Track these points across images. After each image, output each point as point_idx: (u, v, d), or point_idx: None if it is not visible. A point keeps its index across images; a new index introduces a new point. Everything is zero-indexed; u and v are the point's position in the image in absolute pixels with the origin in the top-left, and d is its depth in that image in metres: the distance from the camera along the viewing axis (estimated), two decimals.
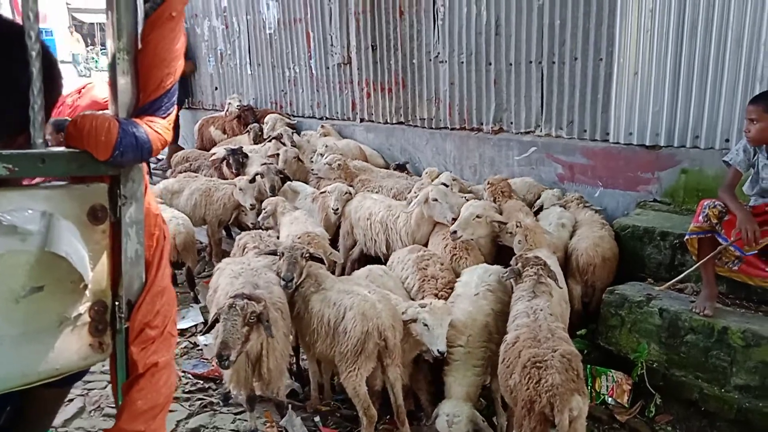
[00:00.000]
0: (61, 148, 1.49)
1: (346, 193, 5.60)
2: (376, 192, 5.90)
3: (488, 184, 5.37)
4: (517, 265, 3.69)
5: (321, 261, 3.99)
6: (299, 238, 4.52)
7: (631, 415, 3.93)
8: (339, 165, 6.29)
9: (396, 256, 4.51)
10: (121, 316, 1.64)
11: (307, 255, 3.88)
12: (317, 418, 3.96)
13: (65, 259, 1.45)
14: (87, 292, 1.55)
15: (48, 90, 1.44)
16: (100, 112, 1.51)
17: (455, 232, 4.39)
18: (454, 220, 4.53)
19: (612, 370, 4.10)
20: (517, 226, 4.34)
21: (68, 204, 1.49)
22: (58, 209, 1.46)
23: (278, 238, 5.04)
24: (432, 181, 5.66)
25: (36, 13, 1.40)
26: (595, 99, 5.51)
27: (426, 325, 3.39)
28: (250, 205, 5.96)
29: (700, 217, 3.77)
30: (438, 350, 3.33)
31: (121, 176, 1.56)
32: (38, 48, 1.40)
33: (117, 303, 1.63)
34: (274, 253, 3.97)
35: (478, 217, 4.43)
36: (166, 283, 1.74)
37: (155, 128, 1.54)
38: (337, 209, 5.49)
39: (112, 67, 1.52)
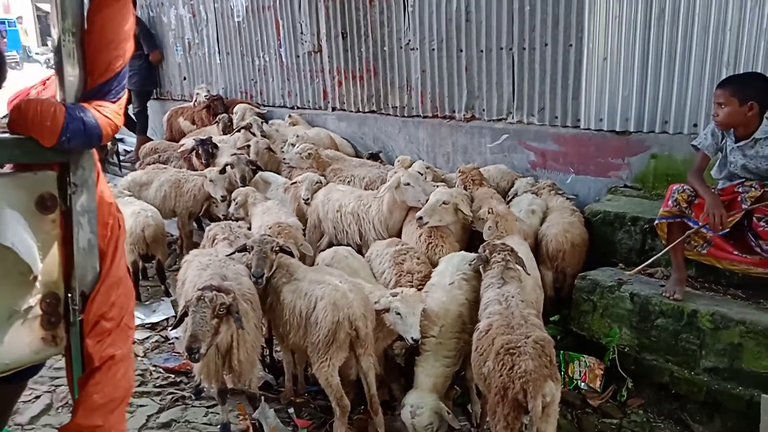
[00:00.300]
0: (4, 135, 1.43)
1: (317, 182, 5.55)
2: (348, 181, 5.86)
3: (460, 172, 5.39)
4: (484, 252, 3.69)
5: (291, 254, 3.95)
6: (270, 228, 4.46)
7: (604, 399, 3.97)
8: (310, 154, 6.24)
9: (374, 249, 4.46)
10: (74, 308, 1.59)
11: (277, 248, 3.84)
12: (291, 410, 3.94)
13: (12, 250, 1.40)
14: (37, 283, 1.50)
15: None
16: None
17: (421, 218, 4.38)
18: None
19: (584, 356, 4.14)
20: (488, 213, 4.35)
21: (14, 193, 1.43)
22: (3, 198, 1.41)
23: (249, 228, 4.98)
24: (405, 168, 5.63)
25: None
26: (566, 85, 5.53)
27: (399, 314, 3.37)
28: (221, 196, 5.89)
29: (669, 202, 3.80)
30: (412, 338, 3.32)
31: (70, 163, 1.51)
32: None
33: (70, 295, 1.59)
34: (244, 249, 3.89)
35: (444, 203, 4.43)
36: (121, 273, 1.70)
37: (104, 113, 1.49)
38: (308, 199, 5.45)
39: (58, 50, 1.47)
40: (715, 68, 4.59)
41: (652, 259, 4.03)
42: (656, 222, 3.94)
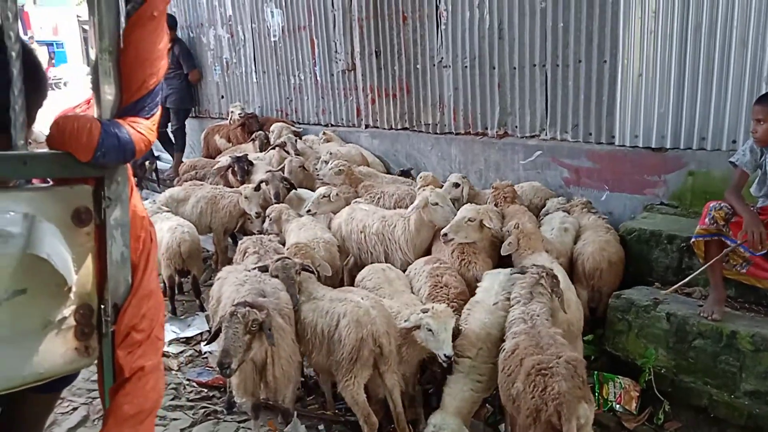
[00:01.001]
0: (44, 150, 1.49)
1: (324, 196, 5.56)
2: (378, 198, 5.88)
3: (493, 188, 5.38)
4: (525, 267, 3.68)
5: (312, 272, 4.00)
6: (288, 250, 4.44)
7: (640, 422, 3.87)
8: (341, 170, 6.29)
9: (413, 268, 4.44)
10: (107, 319, 1.63)
11: (299, 270, 3.89)
12: (321, 426, 3.94)
13: (48, 262, 1.44)
14: (71, 295, 1.54)
15: (31, 91, 1.44)
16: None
17: (446, 234, 4.37)
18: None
19: (619, 377, 4.05)
20: (514, 228, 4.32)
21: (51, 206, 1.48)
22: (40, 211, 1.46)
23: (283, 244, 5.02)
24: (426, 186, 5.63)
25: (15, 14, 1.40)
26: (600, 102, 5.47)
27: (430, 330, 3.32)
28: (255, 213, 5.97)
29: (707, 220, 3.72)
30: (445, 355, 3.26)
31: (105, 178, 1.55)
32: (18, 48, 1.40)
33: (103, 306, 1.62)
34: (266, 269, 3.94)
35: (470, 220, 4.40)
36: (153, 286, 1.74)
37: (138, 129, 1.54)
38: (312, 211, 5.46)
39: (95, 68, 1.52)
40: (755, 83, 4.50)
41: (689, 277, 3.94)
42: (693, 240, 3.85)
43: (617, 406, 3.96)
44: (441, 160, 7.07)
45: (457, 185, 5.65)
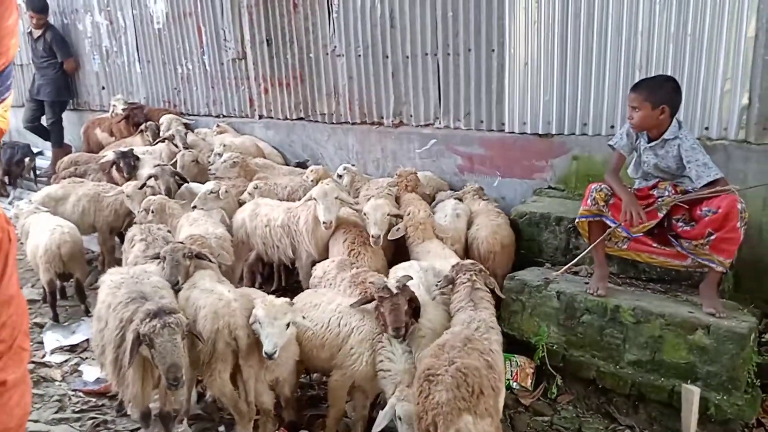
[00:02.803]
0: None
1: (211, 192, 5.41)
2: (272, 190, 5.77)
3: (397, 175, 5.47)
4: (452, 271, 3.62)
5: (206, 259, 3.95)
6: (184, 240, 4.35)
7: (535, 397, 4.04)
8: (236, 163, 6.12)
9: (321, 271, 4.26)
10: None
11: (190, 254, 3.82)
12: (222, 428, 3.83)
13: None
14: None
15: None
16: None
17: (378, 236, 4.40)
18: (325, 223, 4.54)
19: (515, 355, 4.20)
20: (406, 215, 4.41)
21: None
22: None
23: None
24: (316, 180, 5.62)
25: None
26: (490, 90, 5.64)
27: (259, 322, 3.26)
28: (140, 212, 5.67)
29: (588, 201, 3.92)
30: (265, 351, 3.17)
31: None
32: None
33: None
34: (157, 257, 3.86)
35: (387, 214, 4.49)
36: (13, 291, 1.57)
37: None
38: (198, 207, 5.31)
39: None
40: (629, 71, 4.79)
41: (577, 258, 4.15)
42: (576, 221, 4.06)
43: (514, 383, 4.12)
44: (338, 150, 7.03)
45: (340, 176, 5.78)
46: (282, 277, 5.76)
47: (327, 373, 3.62)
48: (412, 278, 3.64)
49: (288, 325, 3.27)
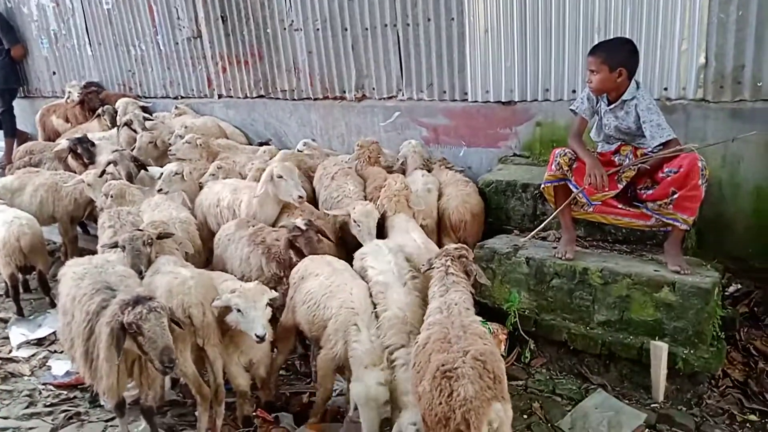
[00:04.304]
0: None
1: (176, 173, 5.35)
2: (233, 169, 5.72)
3: (359, 146, 5.42)
4: (434, 257, 3.49)
5: (168, 236, 4.03)
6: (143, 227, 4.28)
7: (509, 363, 4.10)
8: (199, 144, 6.02)
9: (222, 233, 4.43)
10: None
11: (149, 240, 3.83)
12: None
13: None
14: None
15: None
16: None
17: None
18: (301, 198, 4.52)
19: (488, 323, 4.23)
20: (383, 190, 4.43)
21: None
22: None
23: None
24: (271, 159, 5.60)
25: None
26: (452, 59, 5.61)
27: (239, 310, 3.28)
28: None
29: (553, 166, 3.95)
30: (256, 335, 3.22)
31: None
32: None
33: None
34: (116, 245, 3.84)
35: None
36: None
37: None
38: (164, 191, 5.25)
39: None
40: (588, 34, 4.80)
41: (544, 223, 4.20)
42: (542, 186, 4.10)
43: None
44: (301, 127, 6.95)
45: (300, 150, 5.82)
46: None
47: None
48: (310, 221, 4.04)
49: (266, 305, 3.32)
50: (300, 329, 3.74)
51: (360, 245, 4.14)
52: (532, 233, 4.26)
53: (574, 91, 4.97)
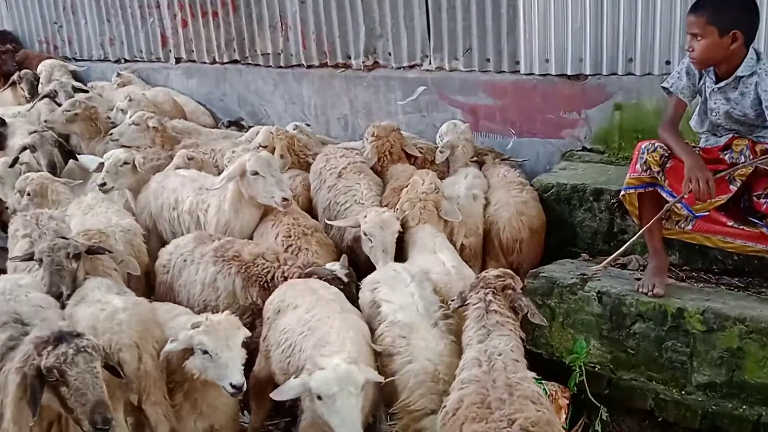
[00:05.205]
0: None
1: (124, 163, 5.38)
2: (208, 158, 5.78)
3: (374, 137, 5.36)
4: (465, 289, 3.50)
5: (102, 252, 4.02)
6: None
7: None
8: (151, 126, 6.06)
9: (174, 252, 4.44)
10: None
11: (76, 253, 3.83)
12: None
13: None
14: None
15: None
16: None
17: None
18: (285, 200, 4.50)
19: (543, 381, 4.21)
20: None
21: None
22: None
23: None
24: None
25: None
26: (498, 16, 5.63)
27: (206, 352, 3.23)
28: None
29: (638, 166, 3.92)
30: (231, 384, 3.19)
31: None
32: None
33: None
34: (31, 258, 3.86)
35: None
36: None
37: None
38: (107, 186, 5.28)
39: None
40: None
41: (625, 246, 4.14)
42: (622, 193, 4.07)
43: None
44: (289, 105, 7.00)
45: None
46: None
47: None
48: (346, 258, 4.06)
49: (242, 344, 3.31)
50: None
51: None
52: (609, 259, 4.23)
53: (668, 63, 4.96)
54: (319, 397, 2.98)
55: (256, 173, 4.57)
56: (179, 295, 4.37)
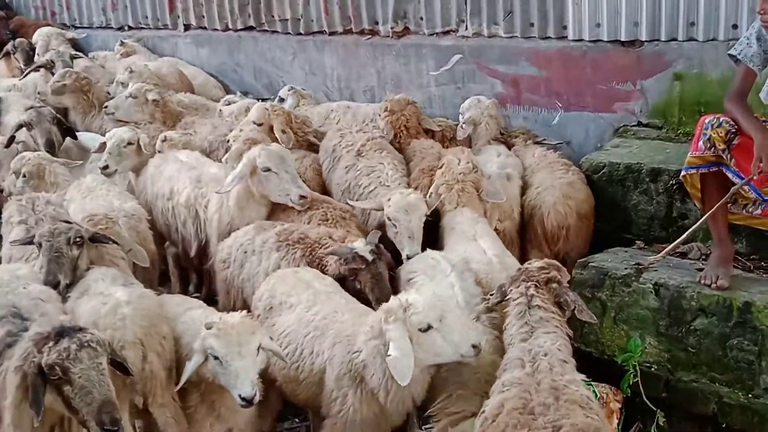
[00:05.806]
0: None
1: (128, 143, 5.41)
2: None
3: (387, 111, 5.41)
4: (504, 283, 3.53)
5: (106, 242, 4.05)
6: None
7: None
8: (150, 99, 6.11)
9: (234, 244, 4.39)
10: None
11: (78, 239, 3.85)
12: None
13: None
14: None
15: None
16: None
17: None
18: (303, 198, 4.49)
19: (593, 383, 4.21)
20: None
21: None
22: None
23: None
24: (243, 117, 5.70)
25: None
26: None
27: (216, 357, 3.23)
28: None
29: (701, 143, 3.90)
30: (241, 396, 3.17)
31: None
32: None
33: None
34: (30, 242, 3.91)
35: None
36: None
37: None
38: (109, 168, 5.31)
39: None
40: None
41: (686, 234, 4.13)
42: (683, 174, 4.05)
43: None
44: (309, 75, 7.02)
45: (282, 100, 5.97)
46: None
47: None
48: (379, 233, 3.96)
49: (258, 349, 3.28)
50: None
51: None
52: (668, 249, 4.21)
53: (735, 27, 4.92)
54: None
55: (268, 169, 4.55)
56: (244, 292, 4.32)
